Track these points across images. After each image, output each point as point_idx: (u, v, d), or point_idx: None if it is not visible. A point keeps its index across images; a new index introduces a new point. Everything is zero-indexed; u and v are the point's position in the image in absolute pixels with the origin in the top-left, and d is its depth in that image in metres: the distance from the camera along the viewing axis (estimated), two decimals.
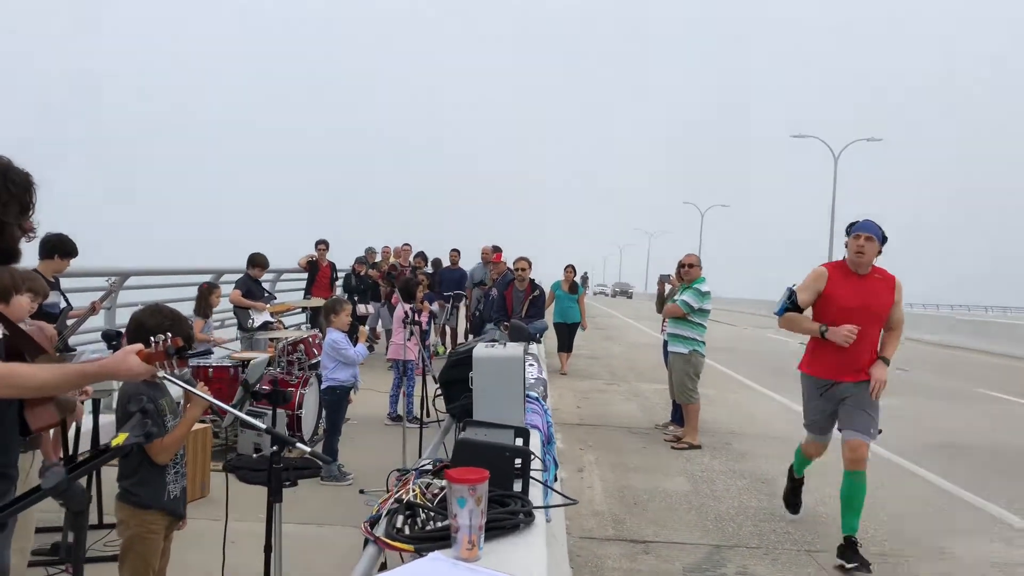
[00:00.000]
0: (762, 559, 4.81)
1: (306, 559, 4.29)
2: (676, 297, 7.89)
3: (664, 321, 8.45)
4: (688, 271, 7.83)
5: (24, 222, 2.10)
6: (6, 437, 2.09)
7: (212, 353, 7.17)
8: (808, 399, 5.08)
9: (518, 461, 2.48)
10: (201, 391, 2.74)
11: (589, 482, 6.36)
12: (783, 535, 5.25)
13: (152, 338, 2.09)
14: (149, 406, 1.77)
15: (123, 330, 5.27)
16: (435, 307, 11.99)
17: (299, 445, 2.36)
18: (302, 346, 7.22)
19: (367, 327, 9.05)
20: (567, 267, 12.91)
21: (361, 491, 5.63)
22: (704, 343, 7.77)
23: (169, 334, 2.11)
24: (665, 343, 8.27)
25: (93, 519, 4.54)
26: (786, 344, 20.76)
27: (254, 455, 6.25)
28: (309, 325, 11.46)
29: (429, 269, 13.22)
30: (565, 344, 12.82)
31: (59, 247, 5.45)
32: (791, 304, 4.82)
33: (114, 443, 1.66)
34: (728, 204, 73.84)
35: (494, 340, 3.68)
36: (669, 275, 8.66)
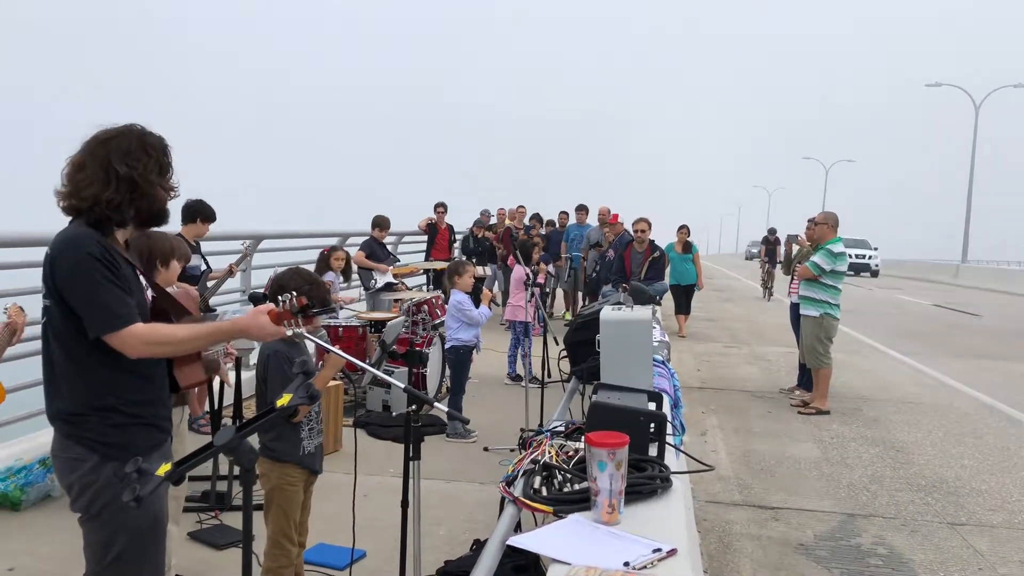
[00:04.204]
0: (900, 530, 4.61)
1: (434, 514, 4.42)
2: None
3: (792, 283, 8.16)
4: (814, 229, 7.52)
5: (165, 183, 2.21)
6: (159, 393, 2.23)
7: (339, 311, 7.45)
8: None
9: (653, 426, 2.45)
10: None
11: (713, 446, 6.25)
12: (922, 506, 5.02)
13: (280, 297, 2.17)
14: (312, 368, 1.83)
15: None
16: (551, 268, 11.99)
17: (437, 405, 2.40)
18: (426, 307, 7.37)
19: (486, 289, 9.15)
20: (680, 227, 12.63)
21: (485, 448, 5.74)
22: (838, 306, 7.44)
23: (294, 293, 2.17)
24: (794, 305, 7.99)
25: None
26: (917, 305, 19.70)
27: (393, 413, 6.47)
28: (432, 287, 11.70)
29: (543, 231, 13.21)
30: (682, 306, 12.60)
31: (201, 212, 5.74)
32: None
33: (279, 403, 1.73)
34: (854, 159, 69.84)
35: (620, 303, 3.63)
36: (797, 235, 8.33)
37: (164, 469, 1.56)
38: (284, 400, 1.72)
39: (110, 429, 2.10)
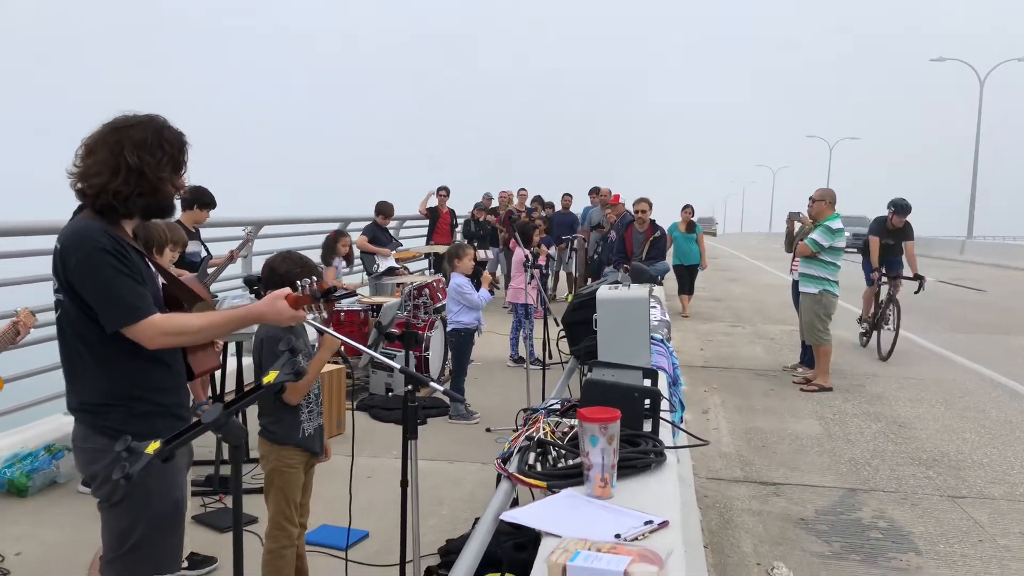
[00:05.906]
0: (900, 504, 4.64)
1: (437, 494, 4.45)
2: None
3: (793, 260, 8.15)
4: (814, 206, 7.51)
5: (176, 179, 2.19)
6: (177, 380, 2.23)
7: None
8: None
9: (647, 402, 2.47)
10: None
11: (715, 424, 6.28)
12: (923, 480, 5.04)
13: (299, 282, 2.15)
14: (298, 345, 1.84)
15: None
16: (552, 251, 11.98)
17: (432, 384, 2.42)
18: (427, 290, 7.39)
19: (487, 272, 9.16)
20: (684, 207, 12.62)
21: (488, 429, 5.77)
22: (836, 283, 7.44)
23: (315, 278, 2.17)
24: (795, 283, 7.99)
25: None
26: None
27: (388, 395, 6.51)
28: (432, 271, 11.72)
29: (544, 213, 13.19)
30: (686, 286, 12.60)
31: (199, 198, 5.74)
32: None
33: (265, 381, 1.75)
34: (859, 137, 69.44)
35: (617, 282, 3.64)
36: (799, 212, 8.31)
37: (153, 447, 1.58)
38: (270, 377, 1.73)
39: (135, 419, 2.08)
